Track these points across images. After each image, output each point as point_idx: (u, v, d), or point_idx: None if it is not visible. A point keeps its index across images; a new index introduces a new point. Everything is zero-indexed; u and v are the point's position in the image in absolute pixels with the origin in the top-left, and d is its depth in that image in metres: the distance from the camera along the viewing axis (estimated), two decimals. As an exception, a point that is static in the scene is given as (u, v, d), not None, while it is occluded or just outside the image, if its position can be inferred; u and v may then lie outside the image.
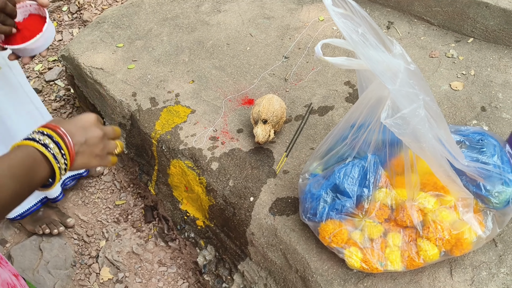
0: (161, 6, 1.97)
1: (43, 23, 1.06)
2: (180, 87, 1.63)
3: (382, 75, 0.86)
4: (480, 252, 1.10)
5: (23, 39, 1.03)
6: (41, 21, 1.07)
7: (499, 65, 1.52)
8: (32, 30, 1.05)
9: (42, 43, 1.06)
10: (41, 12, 1.07)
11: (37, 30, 1.04)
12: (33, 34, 1.04)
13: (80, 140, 0.74)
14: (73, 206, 1.85)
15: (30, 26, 1.05)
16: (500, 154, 1.07)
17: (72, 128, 0.74)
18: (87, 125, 0.77)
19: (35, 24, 1.06)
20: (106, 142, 0.80)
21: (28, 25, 1.06)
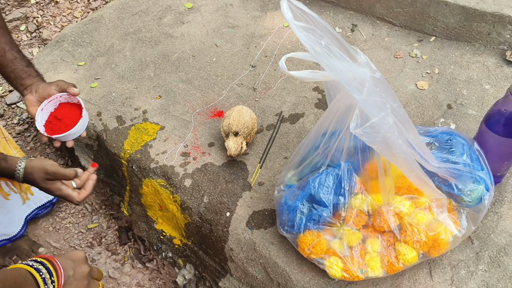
0: (122, 20, 1.92)
1: (76, 109, 1.19)
2: (147, 103, 1.59)
3: (349, 85, 0.85)
4: (458, 251, 1.11)
5: (67, 126, 1.17)
6: (72, 108, 1.20)
7: (462, 61, 1.55)
8: (70, 117, 1.18)
9: (82, 127, 1.18)
10: (71, 100, 1.20)
11: (74, 115, 1.18)
12: (72, 121, 1.17)
13: (69, 273, 0.82)
14: (44, 233, 1.78)
15: (65, 114, 1.19)
16: (469, 152, 1.08)
17: (63, 261, 0.83)
18: (76, 260, 0.86)
19: (68, 111, 1.19)
20: (91, 280, 0.87)
21: (63, 113, 1.19)
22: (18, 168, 1.07)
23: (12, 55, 1.17)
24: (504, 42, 1.53)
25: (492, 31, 1.52)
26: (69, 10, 2.61)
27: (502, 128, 1.06)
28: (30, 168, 1.08)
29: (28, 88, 1.19)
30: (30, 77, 1.19)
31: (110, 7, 1.98)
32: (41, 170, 1.07)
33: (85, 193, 1.15)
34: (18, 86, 1.20)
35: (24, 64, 1.20)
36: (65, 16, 2.59)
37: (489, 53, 1.55)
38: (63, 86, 1.18)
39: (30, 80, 1.19)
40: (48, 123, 1.18)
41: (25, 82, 1.19)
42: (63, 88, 1.19)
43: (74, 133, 1.16)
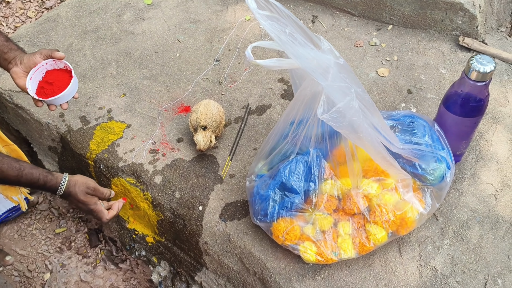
0: (79, 18, 1.87)
1: (64, 73, 1.19)
2: (111, 102, 1.56)
3: (314, 72, 0.87)
4: (424, 228, 1.16)
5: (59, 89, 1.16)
6: (60, 72, 1.19)
7: (419, 48, 1.61)
8: (60, 80, 1.17)
9: (74, 88, 1.18)
10: (57, 66, 1.20)
11: (64, 79, 1.18)
12: (63, 84, 1.16)
13: None
14: (9, 241, 1.72)
15: (55, 78, 1.18)
16: (430, 133, 1.13)
17: None
18: None
19: (57, 75, 1.18)
20: None
21: (53, 78, 1.18)
22: (63, 181, 1.14)
23: None
24: (456, 28, 1.60)
25: (445, 18, 1.59)
26: (22, 10, 2.51)
27: (459, 109, 1.11)
28: (74, 182, 1.15)
29: (12, 62, 1.16)
30: (12, 50, 1.17)
31: (66, 5, 1.93)
32: (84, 184, 1.16)
33: (112, 212, 1.23)
34: (1, 61, 1.17)
35: (3, 39, 1.17)
36: (18, 17, 2.49)
37: (444, 39, 1.62)
38: (47, 53, 1.17)
39: (12, 54, 1.16)
40: (40, 88, 1.17)
41: (7, 56, 1.16)
42: (48, 55, 1.17)
43: (67, 94, 1.16)
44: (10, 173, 1.06)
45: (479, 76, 1.03)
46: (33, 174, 1.10)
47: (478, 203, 1.21)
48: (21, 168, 1.08)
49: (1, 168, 1.05)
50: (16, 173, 1.07)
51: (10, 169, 1.06)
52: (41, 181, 1.11)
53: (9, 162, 1.07)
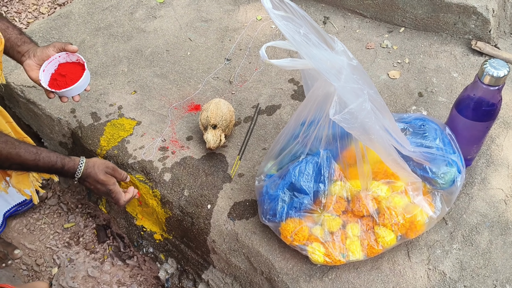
0: (92, 15, 1.88)
1: (76, 65, 1.20)
2: (122, 99, 1.57)
3: (327, 73, 0.87)
4: (433, 232, 1.16)
5: (72, 81, 1.17)
6: (72, 65, 1.20)
7: (431, 51, 1.60)
8: (72, 72, 1.18)
9: (86, 80, 1.19)
10: (69, 59, 1.21)
11: (76, 71, 1.19)
12: (76, 76, 1.18)
13: None
14: (18, 235, 1.74)
15: (68, 71, 1.19)
16: (441, 137, 1.13)
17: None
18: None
19: (70, 68, 1.19)
20: None
21: (65, 71, 1.19)
22: (80, 163, 1.13)
23: (3, 24, 1.16)
24: (469, 32, 1.59)
25: (458, 22, 1.58)
26: (34, 6, 2.54)
27: (471, 113, 1.11)
28: (92, 163, 1.16)
29: (25, 54, 1.17)
30: (25, 43, 1.18)
31: (79, 2, 1.94)
32: (103, 164, 1.17)
33: (129, 195, 1.23)
34: (14, 54, 1.18)
35: (17, 32, 1.18)
36: (31, 12, 2.52)
37: (456, 43, 1.61)
38: (60, 46, 1.18)
39: (26, 46, 1.17)
40: (53, 80, 1.18)
41: (21, 49, 1.17)
42: (61, 48, 1.18)
43: (80, 86, 1.18)
44: (28, 157, 1.05)
45: (492, 81, 1.02)
46: (50, 157, 1.09)
47: (488, 208, 1.20)
48: (39, 152, 1.07)
49: (19, 153, 1.04)
50: (33, 157, 1.06)
51: (27, 153, 1.05)
52: (58, 164, 1.10)
53: (26, 147, 1.06)
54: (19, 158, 1.05)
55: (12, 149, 1.03)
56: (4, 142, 1.03)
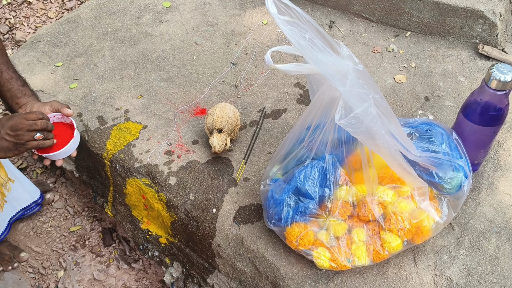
0: (99, 20, 1.90)
1: (68, 129, 1.21)
2: (128, 103, 1.58)
3: (332, 78, 0.87)
4: (440, 237, 1.15)
5: (58, 146, 1.17)
6: (64, 127, 1.22)
7: (437, 55, 1.60)
8: (61, 136, 1.19)
9: (73, 147, 1.20)
10: (63, 120, 1.22)
11: (66, 135, 1.19)
12: (64, 140, 1.18)
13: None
14: (25, 238, 1.75)
15: (57, 133, 1.19)
16: (448, 141, 1.12)
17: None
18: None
19: (60, 131, 1.20)
20: None
21: (55, 132, 1.18)
22: None
23: (8, 75, 1.20)
24: (476, 36, 1.58)
25: (465, 26, 1.58)
26: (42, 10, 2.56)
27: (478, 117, 1.10)
28: None
29: (22, 107, 1.20)
30: (25, 96, 1.21)
31: (87, 7, 1.96)
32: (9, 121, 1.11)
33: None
34: (13, 105, 1.21)
35: (20, 84, 1.22)
36: (39, 17, 2.54)
37: (463, 47, 1.60)
38: (57, 107, 1.20)
39: (25, 99, 1.21)
40: None
41: (20, 101, 1.21)
42: (57, 109, 1.20)
43: (64, 152, 1.18)
44: None
45: (499, 85, 1.02)
46: None
47: (495, 213, 1.19)
48: None
49: None
50: None
51: None
52: None
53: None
54: None
55: None
56: None
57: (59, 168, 1.87)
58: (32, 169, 1.92)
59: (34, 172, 1.91)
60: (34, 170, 1.91)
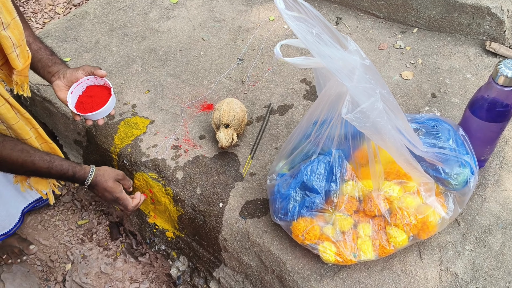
0: (107, 15, 1.91)
1: (103, 89, 1.24)
2: (135, 98, 1.59)
3: (339, 73, 0.88)
4: (445, 233, 1.15)
5: (98, 105, 1.21)
6: (99, 89, 1.24)
7: (444, 52, 1.59)
8: (99, 96, 1.22)
9: (111, 106, 1.22)
10: (97, 82, 1.24)
11: (103, 95, 1.22)
12: (102, 100, 1.21)
13: None
14: (33, 231, 1.77)
15: (95, 94, 1.23)
16: (455, 137, 1.12)
17: None
18: None
19: (97, 92, 1.23)
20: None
21: (93, 94, 1.23)
22: (91, 171, 1.21)
23: (36, 45, 1.20)
24: (483, 33, 1.58)
25: (472, 22, 1.57)
26: (50, 6, 2.58)
27: (485, 113, 1.10)
28: (102, 171, 1.23)
29: (55, 75, 1.21)
30: (56, 64, 1.22)
31: (95, 2, 1.97)
32: (113, 172, 1.26)
33: (136, 201, 1.31)
34: (45, 74, 1.22)
35: (49, 53, 1.23)
36: (47, 13, 2.56)
37: (470, 44, 1.60)
38: (89, 70, 1.22)
39: (56, 67, 1.22)
40: (79, 103, 1.22)
41: (51, 69, 1.21)
42: (90, 72, 1.22)
43: (104, 111, 1.21)
44: (42, 165, 1.12)
45: (506, 81, 1.02)
46: (63, 166, 1.16)
47: (501, 209, 1.19)
48: (52, 160, 1.14)
49: (33, 161, 1.11)
50: (47, 165, 1.13)
51: (41, 162, 1.12)
52: (70, 172, 1.17)
53: (40, 155, 1.13)
54: (33, 166, 1.12)
55: (27, 157, 1.10)
56: (20, 150, 1.09)
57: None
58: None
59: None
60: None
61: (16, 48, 1.01)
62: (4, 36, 0.96)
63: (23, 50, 1.04)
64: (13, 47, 1.00)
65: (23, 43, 1.04)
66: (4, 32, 0.96)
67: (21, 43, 1.02)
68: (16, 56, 1.02)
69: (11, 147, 1.08)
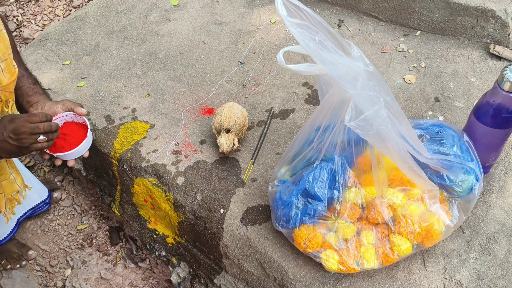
0: (107, 18, 1.90)
1: (80, 128, 1.17)
2: (135, 102, 1.57)
3: (342, 80, 0.86)
4: (450, 240, 1.14)
5: (70, 145, 1.13)
6: (76, 127, 1.17)
7: (447, 55, 1.58)
8: (74, 136, 1.15)
9: (85, 147, 1.15)
10: (76, 119, 1.18)
11: (78, 135, 1.15)
12: (76, 140, 1.14)
13: None
14: (32, 236, 1.75)
15: (70, 133, 1.15)
16: (459, 143, 1.10)
17: None
18: None
19: (73, 130, 1.16)
20: None
21: (68, 132, 1.15)
22: None
23: (20, 72, 1.16)
24: (487, 36, 1.56)
25: (476, 25, 1.55)
26: (50, 8, 2.56)
27: (490, 119, 1.08)
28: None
29: (34, 105, 1.16)
30: (37, 94, 1.18)
31: (94, 5, 1.96)
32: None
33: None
34: (24, 103, 1.18)
35: (31, 82, 1.19)
36: (46, 15, 2.54)
37: (473, 47, 1.58)
38: (69, 106, 1.16)
39: (36, 98, 1.17)
40: None
41: (31, 99, 1.17)
42: (70, 107, 1.16)
43: (76, 153, 1.14)
44: None
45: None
46: None
47: (506, 216, 1.17)
48: None
49: None
50: None
51: None
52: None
53: None
54: None
55: None
56: None
57: (67, 167, 1.87)
58: (40, 167, 1.92)
59: (41, 170, 1.91)
60: (41, 168, 1.92)
61: (1, 62, 0.97)
62: None
63: (8, 65, 1.00)
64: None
65: (9, 57, 0.99)
66: None
67: (6, 57, 0.98)
68: (1, 71, 0.98)
69: None
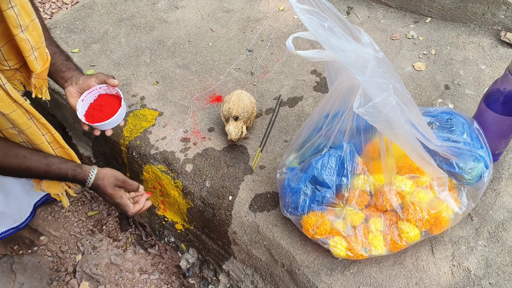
0: (115, 6, 1.89)
1: (114, 99, 1.22)
2: (144, 89, 1.58)
3: (351, 67, 0.86)
4: (458, 228, 1.14)
5: (107, 116, 1.19)
6: (111, 98, 1.23)
7: (458, 42, 1.56)
8: (109, 106, 1.21)
9: (120, 116, 1.21)
10: (109, 91, 1.23)
11: (113, 105, 1.21)
12: (112, 110, 1.20)
13: None
14: (43, 222, 1.78)
15: (105, 104, 1.21)
16: (469, 131, 1.10)
17: None
18: None
19: (108, 101, 1.22)
20: None
21: (103, 103, 1.21)
22: (90, 174, 1.16)
23: (51, 49, 1.18)
24: (498, 23, 1.54)
25: (487, 12, 1.53)
26: (58, -4, 2.57)
27: (500, 107, 1.07)
28: (103, 174, 1.17)
29: (68, 81, 1.21)
30: (70, 70, 1.21)
31: (102, -8, 1.95)
32: (113, 177, 1.18)
33: (138, 207, 1.24)
34: (58, 79, 1.21)
35: (64, 58, 1.22)
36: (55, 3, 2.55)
37: (484, 34, 1.56)
38: (102, 78, 1.21)
39: (70, 73, 1.21)
40: (89, 112, 1.21)
41: (65, 75, 1.21)
42: (103, 80, 1.21)
43: (113, 122, 1.20)
44: (39, 169, 1.10)
45: (524, 74, 0.99)
46: (61, 169, 1.13)
47: (516, 204, 1.17)
48: (49, 164, 1.11)
49: (29, 166, 1.09)
50: (44, 168, 1.11)
51: (38, 166, 1.10)
52: (69, 175, 1.14)
53: (37, 159, 1.10)
54: (29, 170, 1.10)
55: (22, 163, 1.08)
56: (14, 156, 1.07)
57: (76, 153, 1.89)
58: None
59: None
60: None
61: (35, 51, 1.00)
62: (22, 39, 0.95)
63: (41, 53, 1.03)
64: (31, 49, 0.99)
65: (42, 45, 1.02)
66: (22, 35, 0.94)
67: (39, 46, 1.01)
68: (35, 59, 1.01)
69: (4, 154, 1.05)
